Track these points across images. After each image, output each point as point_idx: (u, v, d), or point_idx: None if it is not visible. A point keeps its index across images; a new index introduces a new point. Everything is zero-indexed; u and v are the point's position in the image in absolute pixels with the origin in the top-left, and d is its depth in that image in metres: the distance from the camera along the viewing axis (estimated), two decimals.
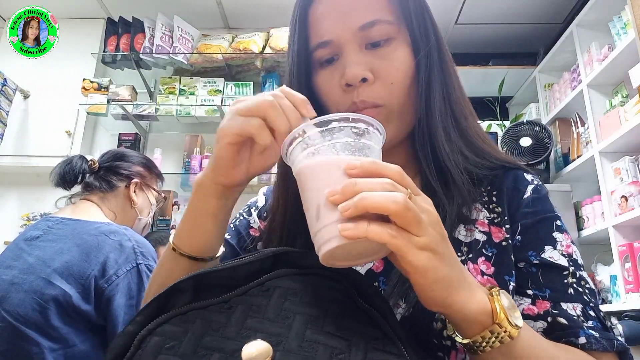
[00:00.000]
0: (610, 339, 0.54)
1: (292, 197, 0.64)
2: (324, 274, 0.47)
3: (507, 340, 0.45)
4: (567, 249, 0.61)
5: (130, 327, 0.45)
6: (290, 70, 0.67)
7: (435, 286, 0.42)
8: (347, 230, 0.39)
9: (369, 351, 0.40)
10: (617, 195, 2.32)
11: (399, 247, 0.39)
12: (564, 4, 3.00)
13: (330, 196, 0.41)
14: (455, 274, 0.43)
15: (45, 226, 1.37)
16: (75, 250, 1.28)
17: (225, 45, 2.99)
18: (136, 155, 1.64)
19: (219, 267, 0.48)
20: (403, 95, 0.63)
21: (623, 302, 2.23)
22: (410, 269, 0.41)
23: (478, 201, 0.64)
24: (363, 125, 0.45)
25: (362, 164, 0.42)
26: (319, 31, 0.64)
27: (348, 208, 0.39)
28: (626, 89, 2.47)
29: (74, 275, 1.24)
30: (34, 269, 1.24)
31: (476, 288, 0.46)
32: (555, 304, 0.57)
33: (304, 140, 0.46)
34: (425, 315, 0.55)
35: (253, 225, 0.76)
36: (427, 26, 0.66)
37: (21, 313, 1.18)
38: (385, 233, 0.39)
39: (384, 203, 0.39)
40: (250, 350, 0.38)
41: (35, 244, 1.32)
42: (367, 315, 0.44)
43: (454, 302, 0.43)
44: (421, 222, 0.40)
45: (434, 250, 0.41)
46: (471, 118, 0.68)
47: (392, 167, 0.42)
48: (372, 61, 0.62)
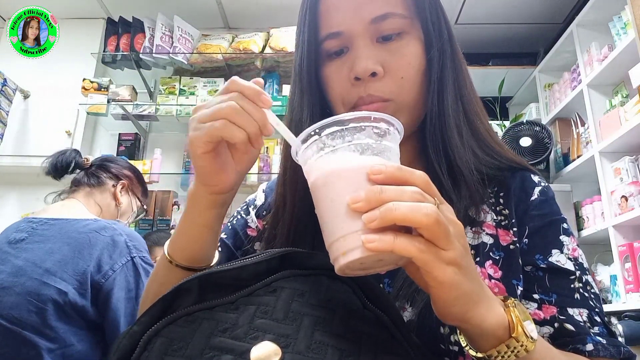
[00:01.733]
0: (617, 345, 0.54)
1: (301, 195, 0.62)
2: (331, 275, 0.47)
3: (523, 354, 0.43)
4: (573, 252, 0.60)
5: (136, 327, 0.44)
6: (299, 60, 0.65)
7: (457, 302, 0.40)
8: (373, 242, 0.37)
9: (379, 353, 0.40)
10: (617, 195, 2.32)
11: (426, 262, 0.37)
12: (564, 4, 3.00)
13: (353, 203, 0.38)
14: (475, 288, 0.42)
15: (29, 228, 1.35)
16: (67, 248, 1.28)
17: (225, 45, 2.99)
18: (127, 163, 1.70)
19: (224, 268, 0.47)
20: (413, 90, 0.62)
21: (623, 302, 2.24)
22: (435, 284, 0.39)
23: (485, 202, 0.62)
24: (385, 125, 0.42)
25: (387, 170, 0.39)
26: (329, 22, 0.62)
27: (374, 219, 0.37)
28: (626, 89, 2.47)
29: (68, 272, 1.24)
30: (24, 272, 1.23)
31: (494, 301, 0.44)
32: (561, 309, 0.56)
33: (320, 139, 0.42)
34: (432, 320, 0.54)
35: (251, 225, 0.74)
36: (441, 22, 0.64)
37: (16, 316, 1.18)
38: (414, 247, 0.37)
39: (414, 216, 0.36)
40: (259, 351, 0.38)
41: (21, 247, 1.30)
42: (374, 317, 0.44)
43: (473, 316, 0.42)
44: (449, 235, 0.38)
45: (459, 264, 0.39)
46: (483, 116, 0.67)
47: (419, 173, 0.40)
48: (382, 55, 0.60)
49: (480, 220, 0.61)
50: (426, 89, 0.63)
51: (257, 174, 2.81)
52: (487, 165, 0.63)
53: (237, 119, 0.47)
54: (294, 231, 0.63)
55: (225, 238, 0.73)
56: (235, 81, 0.49)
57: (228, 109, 0.47)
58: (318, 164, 0.42)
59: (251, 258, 0.48)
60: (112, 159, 1.66)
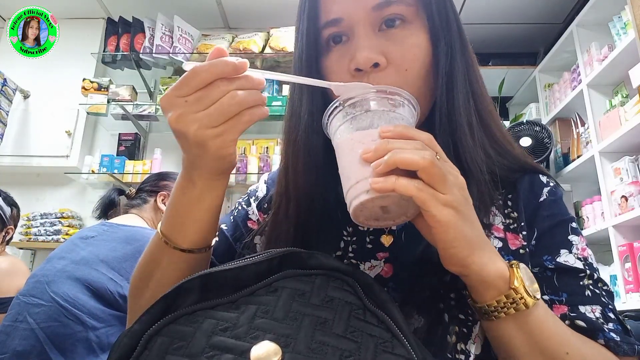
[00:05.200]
0: (631, 343, 0.52)
1: (306, 189, 0.60)
2: (332, 275, 0.47)
3: (522, 308, 0.46)
4: (582, 252, 0.59)
5: (137, 326, 0.44)
6: (299, 51, 0.62)
7: (457, 243, 0.44)
8: (377, 183, 0.42)
9: (379, 353, 0.40)
10: (617, 195, 2.32)
11: (424, 200, 0.42)
12: (564, 4, 3.00)
13: (364, 154, 0.44)
14: (476, 236, 0.46)
15: (101, 229, 1.53)
16: (129, 248, 1.43)
17: (225, 45, 2.99)
18: (156, 174, 1.87)
19: (225, 267, 0.47)
20: (417, 84, 0.57)
21: (623, 302, 2.24)
22: (434, 224, 0.43)
23: (494, 204, 0.60)
24: (399, 98, 0.49)
25: (395, 127, 0.46)
26: (329, 8, 0.59)
27: (380, 164, 0.43)
28: (626, 89, 2.47)
29: (126, 269, 1.38)
30: (86, 261, 1.39)
31: (496, 255, 0.47)
32: (572, 307, 0.55)
33: (344, 109, 0.49)
34: (439, 328, 0.53)
35: (251, 217, 0.72)
36: (449, 14, 0.60)
37: (70, 295, 1.33)
38: (412, 186, 0.42)
39: (412, 158, 0.42)
40: (259, 351, 0.38)
41: (89, 242, 1.47)
42: (375, 317, 0.44)
43: (473, 262, 0.45)
44: (446, 180, 0.43)
45: (457, 209, 0.43)
46: (495, 114, 0.64)
47: (423, 133, 0.45)
48: (385, 44, 0.56)
49: (488, 223, 0.58)
50: (432, 84, 0.59)
51: (257, 174, 2.81)
52: (499, 167, 0.60)
53: (249, 102, 0.47)
54: (302, 225, 0.61)
55: (226, 230, 0.71)
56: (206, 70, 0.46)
57: (235, 105, 0.46)
58: (341, 131, 0.50)
59: (252, 258, 0.48)
60: (144, 181, 1.82)
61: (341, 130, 0.50)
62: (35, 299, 1.34)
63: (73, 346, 1.28)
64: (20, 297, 1.38)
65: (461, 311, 0.54)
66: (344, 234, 0.63)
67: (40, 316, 1.30)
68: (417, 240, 0.56)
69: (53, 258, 1.46)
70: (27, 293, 1.37)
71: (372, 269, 0.60)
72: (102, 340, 1.32)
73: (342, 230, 0.64)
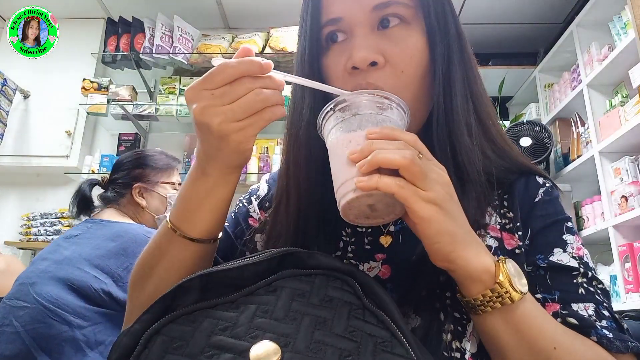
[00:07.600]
0: (624, 340, 0.52)
1: (307, 185, 0.61)
2: (331, 274, 0.47)
3: (507, 302, 0.47)
4: (577, 251, 0.58)
5: (137, 325, 0.44)
6: (301, 49, 0.63)
7: (440, 238, 0.45)
8: (361, 182, 0.44)
9: (378, 353, 0.40)
10: (617, 195, 2.32)
11: (405, 197, 0.44)
12: (564, 4, 3.00)
13: (351, 155, 0.46)
14: (460, 232, 0.47)
15: (84, 227, 1.51)
16: (112, 245, 1.40)
17: (225, 45, 2.99)
18: (130, 159, 1.67)
19: (225, 267, 0.48)
20: (414, 87, 0.58)
21: (623, 302, 2.23)
22: (416, 220, 0.45)
23: (490, 205, 0.61)
24: (387, 102, 0.51)
25: (381, 129, 0.48)
26: (330, 8, 0.60)
27: (364, 164, 0.45)
28: (626, 89, 2.47)
29: (110, 266, 1.35)
30: (69, 260, 1.37)
31: (482, 250, 0.48)
32: (565, 305, 0.55)
33: (335, 113, 0.52)
34: (435, 327, 0.54)
35: (253, 215, 0.73)
36: (447, 16, 0.61)
37: (53, 295, 1.30)
38: (394, 184, 0.44)
39: (393, 157, 0.44)
40: (258, 351, 0.38)
41: (73, 241, 1.46)
42: (374, 317, 0.44)
43: (458, 257, 0.46)
44: (427, 177, 0.45)
45: (440, 205, 0.45)
46: (494, 116, 0.65)
47: (408, 133, 0.47)
48: (382, 44, 0.57)
49: (484, 223, 0.59)
50: (430, 86, 0.60)
51: (257, 174, 2.81)
52: (497, 167, 0.61)
53: (272, 100, 0.50)
54: (303, 220, 0.62)
55: (227, 226, 0.72)
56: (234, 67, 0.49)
57: (260, 102, 0.49)
58: (332, 133, 0.52)
59: (251, 258, 0.48)
60: (116, 167, 1.67)
61: (333, 132, 0.52)
62: (20, 302, 1.33)
63: (60, 347, 1.27)
64: (5, 301, 1.36)
65: (456, 310, 0.55)
66: (343, 234, 0.64)
67: (25, 318, 1.29)
68: (414, 241, 0.56)
69: (37, 260, 1.44)
70: (12, 296, 1.35)
71: (371, 270, 0.60)
72: (90, 339, 1.30)
73: (342, 230, 0.64)
